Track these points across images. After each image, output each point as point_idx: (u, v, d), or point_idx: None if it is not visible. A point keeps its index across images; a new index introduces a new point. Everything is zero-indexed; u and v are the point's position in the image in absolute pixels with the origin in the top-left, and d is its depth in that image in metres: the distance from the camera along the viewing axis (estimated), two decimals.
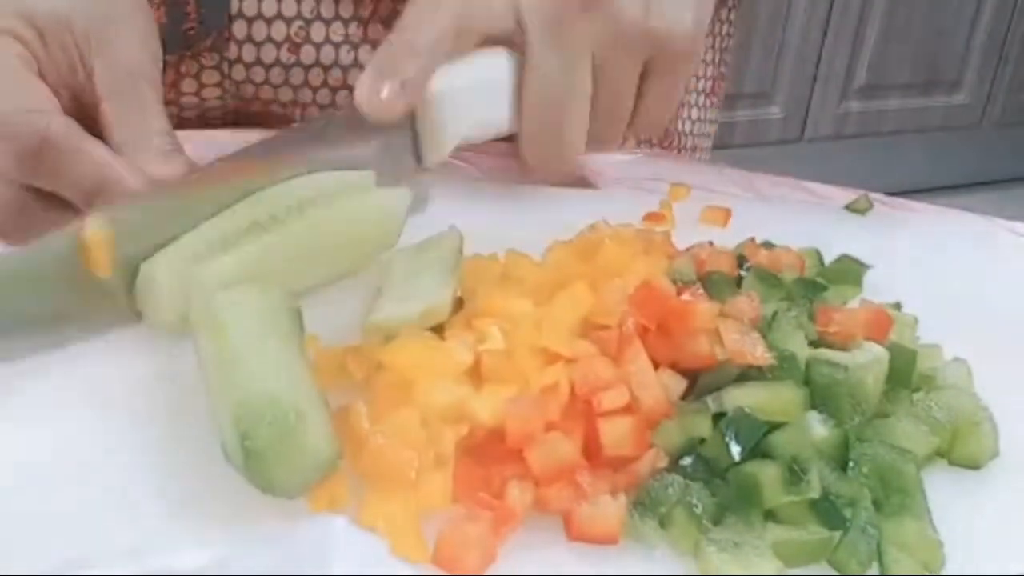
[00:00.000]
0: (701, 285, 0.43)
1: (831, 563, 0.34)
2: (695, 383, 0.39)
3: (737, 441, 0.36)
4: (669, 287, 0.42)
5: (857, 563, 0.33)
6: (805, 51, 2.44)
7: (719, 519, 0.35)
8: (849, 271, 0.51)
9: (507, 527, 0.33)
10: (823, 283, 0.48)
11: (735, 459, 0.36)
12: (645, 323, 0.40)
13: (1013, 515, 0.37)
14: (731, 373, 0.39)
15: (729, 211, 0.58)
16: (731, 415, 0.37)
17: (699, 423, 0.37)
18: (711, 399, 0.38)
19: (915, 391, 0.41)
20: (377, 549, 0.32)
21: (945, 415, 0.39)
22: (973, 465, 0.39)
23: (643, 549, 0.34)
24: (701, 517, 0.34)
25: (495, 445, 0.36)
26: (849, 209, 0.62)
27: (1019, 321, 0.50)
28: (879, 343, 0.41)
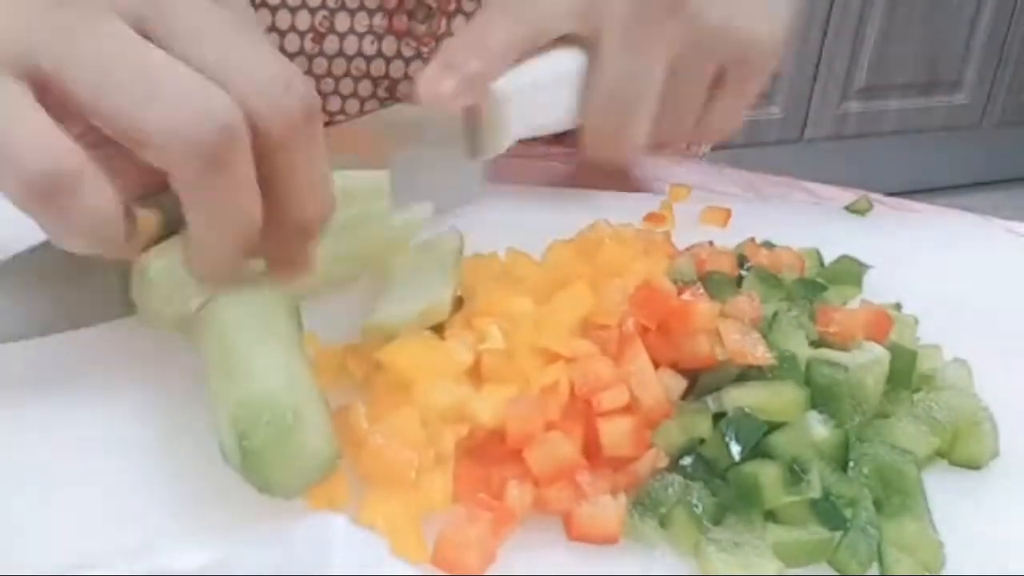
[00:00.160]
0: (701, 285, 0.43)
1: (831, 563, 0.34)
2: (695, 383, 0.39)
3: (737, 441, 0.36)
4: (669, 287, 0.42)
5: (857, 563, 0.33)
6: (805, 51, 2.43)
7: (719, 519, 0.35)
8: (849, 271, 0.51)
9: (507, 527, 0.33)
10: (823, 283, 0.48)
11: (735, 459, 0.36)
12: (645, 323, 0.40)
13: (1013, 515, 0.37)
14: (731, 373, 0.39)
15: (729, 211, 0.58)
16: (731, 415, 0.37)
17: (699, 423, 0.37)
18: (711, 399, 0.38)
19: (915, 391, 0.41)
20: (377, 549, 0.32)
21: (945, 415, 0.39)
22: (973, 465, 0.39)
23: (643, 549, 0.34)
24: (701, 517, 0.34)
25: (495, 445, 0.36)
26: (849, 210, 0.62)
27: (1019, 321, 0.50)
28: (879, 343, 0.41)
